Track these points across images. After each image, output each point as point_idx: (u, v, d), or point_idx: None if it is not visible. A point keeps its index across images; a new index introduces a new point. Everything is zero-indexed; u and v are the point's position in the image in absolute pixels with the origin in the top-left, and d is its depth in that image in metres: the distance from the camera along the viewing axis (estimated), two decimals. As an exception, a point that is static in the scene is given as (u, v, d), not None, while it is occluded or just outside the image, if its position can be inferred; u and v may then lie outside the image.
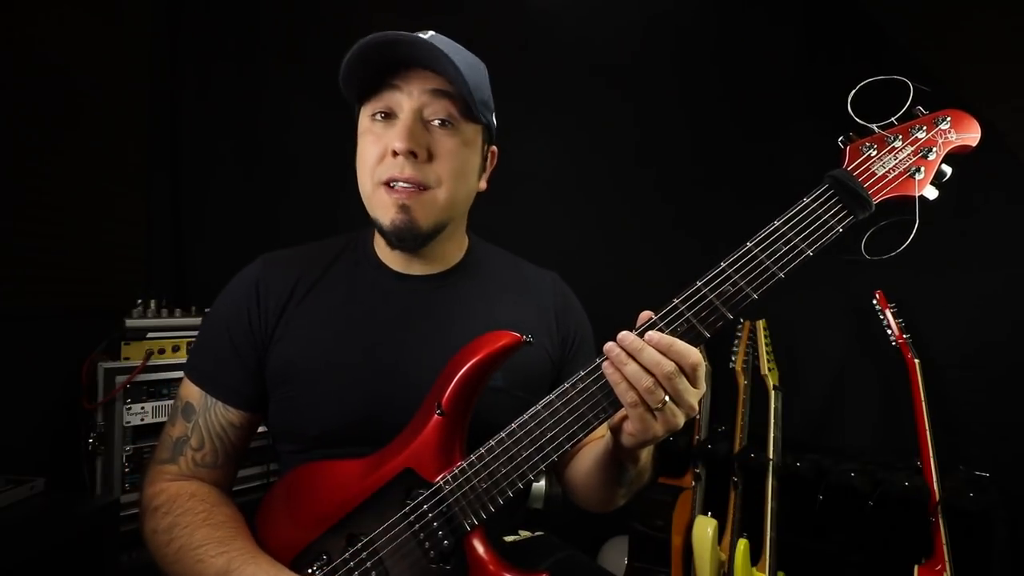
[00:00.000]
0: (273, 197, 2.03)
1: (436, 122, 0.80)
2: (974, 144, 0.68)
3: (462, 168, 0.83)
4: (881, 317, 1.71)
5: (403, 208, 0.79)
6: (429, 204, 0.80)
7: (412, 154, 0.77)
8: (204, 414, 0.82)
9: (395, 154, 0.78)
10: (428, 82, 0.79)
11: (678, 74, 2.07)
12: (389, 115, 0.80)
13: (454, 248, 0.92)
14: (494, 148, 0.93)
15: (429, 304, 0.87)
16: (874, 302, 1.72)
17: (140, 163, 1.88)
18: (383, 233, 0.82)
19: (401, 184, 0.78)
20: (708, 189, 2.05)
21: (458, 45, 0.82)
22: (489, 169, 0.93)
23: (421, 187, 0.79)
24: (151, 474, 0.82)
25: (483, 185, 0.91)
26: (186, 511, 0.77)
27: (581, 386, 0.66)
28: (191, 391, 0.84)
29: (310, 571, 0.72)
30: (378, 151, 0.80)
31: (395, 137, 0.77)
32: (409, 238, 0.80)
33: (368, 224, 0.92)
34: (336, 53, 0.77)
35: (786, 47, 1.97)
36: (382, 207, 0.80)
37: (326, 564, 0.72)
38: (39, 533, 1.18)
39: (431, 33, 0.80)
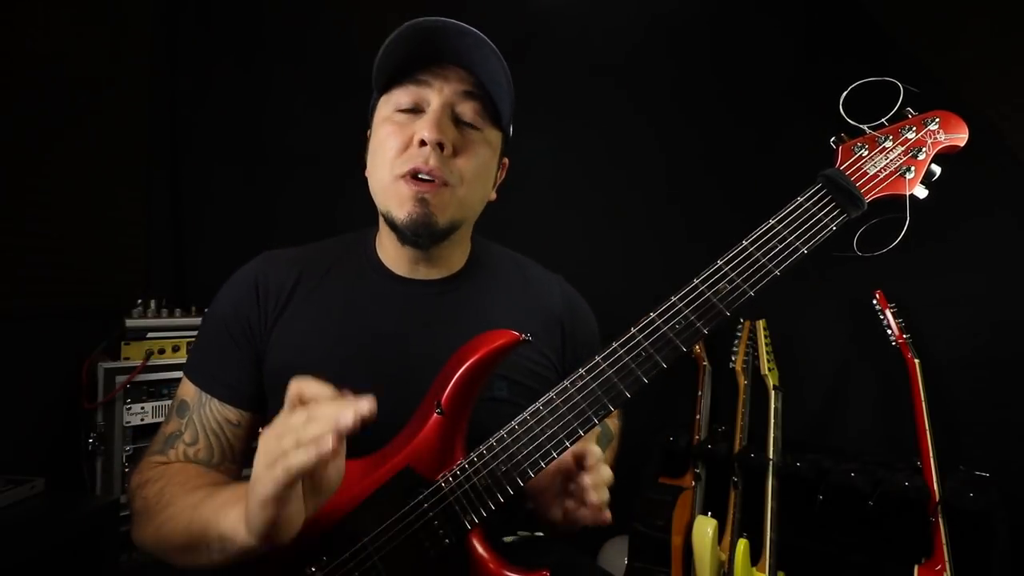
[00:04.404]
0: (273, 197, 2.03)
1: (464, 120, 0.80)
2: (962, 144, 0.69)
3: (483, 170, 0.82)
4: (881, 317, 1.71)
5: (422, 201, 0.77)
6: (448, 200, 0.78)
7: (439, 146, 0.76)
8: (199, 410, 0.81)
9: (422, 144, 0.76)
10: (462, 82, 0.78)
11: (679, 73, 2.07)
12: (415, 109, 0.79)
13: (459, 253, 0.91)
14: (506, 160, 0.92)
15: (432, 310, 0.86)
16: (874, 302, 1.73)
17: (140, 163, 1.89)
18: (396, 228, 0.80)
19: (424, 176, 0.77)
20: (708, 188, 2.05)
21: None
22: (499, 179, 0.92)
23: (442, 182, 0.77)
24: (140, 465, 0.81)
25: (493, 195, 0.90)
26: (178, 471, 0.76)
27: (581, 383, 0.66)
28: (187, 389, 0.83)
29: (309, 571, 0.71)
30: (400, 141, 0.78)
31: (424, 127, 0.76)
32: (425, 233, 0.79)
33: (370, 224, 0.92)
34: (336, 53, 0.76)
35: (787, 48, 1.97)
36: (399, 199, 0.78)
37: (326, 564, 0.71)
38: (39, 533, 1.18)
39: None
